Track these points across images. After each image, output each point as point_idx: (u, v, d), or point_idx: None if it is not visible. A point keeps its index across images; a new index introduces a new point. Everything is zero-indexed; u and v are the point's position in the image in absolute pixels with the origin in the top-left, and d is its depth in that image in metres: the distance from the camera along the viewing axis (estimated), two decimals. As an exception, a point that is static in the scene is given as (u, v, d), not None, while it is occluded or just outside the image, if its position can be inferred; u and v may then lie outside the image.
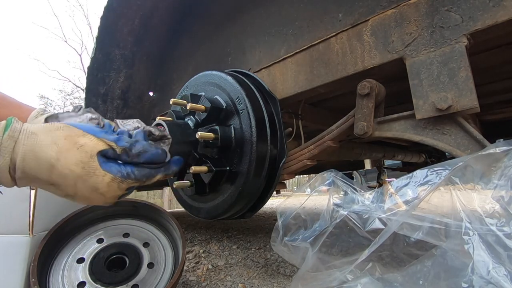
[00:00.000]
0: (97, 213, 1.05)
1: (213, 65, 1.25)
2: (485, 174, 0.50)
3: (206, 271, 1.20)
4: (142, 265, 0.93)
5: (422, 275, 0.51)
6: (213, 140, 0.82)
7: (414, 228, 0.52)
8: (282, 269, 1.21)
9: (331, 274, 0.64)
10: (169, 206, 10.22)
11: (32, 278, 0.80)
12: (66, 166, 0.49)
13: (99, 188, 0.52)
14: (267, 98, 0.96)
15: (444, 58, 0.66)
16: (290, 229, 0.77)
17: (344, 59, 0.83)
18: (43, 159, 0.49)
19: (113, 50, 1.32)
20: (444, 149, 0.67)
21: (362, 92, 0.77)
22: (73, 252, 0.94)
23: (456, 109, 0.63)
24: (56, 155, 0.49)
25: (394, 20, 0.74)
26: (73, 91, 15.92)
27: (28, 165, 0.48)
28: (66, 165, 0.49)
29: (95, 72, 1.33)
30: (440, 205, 0.53)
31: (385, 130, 0.77)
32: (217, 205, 0.90)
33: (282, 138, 0.94)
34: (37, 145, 0.49)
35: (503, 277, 0.41)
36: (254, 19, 1.12)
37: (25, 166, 0.48)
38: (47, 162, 0.49)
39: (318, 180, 0.76)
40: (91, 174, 0.51)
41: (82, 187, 0.51)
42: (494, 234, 0.44)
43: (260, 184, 0.90)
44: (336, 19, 0.87)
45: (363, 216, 0.60)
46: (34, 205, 0.95)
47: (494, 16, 0.60)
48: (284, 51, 1.00)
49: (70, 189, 0.51)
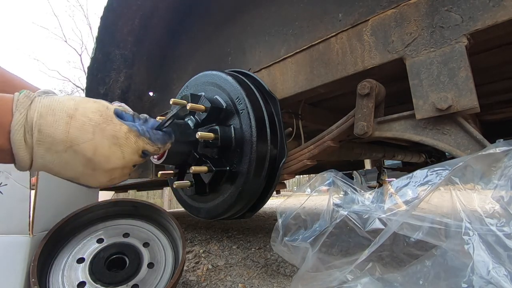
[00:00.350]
0: (97, 213, 1.05)
1: (213, 65, 1.25)
2: (485, 174, 0.50)
3: (206, 271, 1.20)
4: (142, 265, 0.93)
5: (422, 275, 0.51)
6: (213, 140, 0.82)
7: (414, 228, 0.52)
8: (282, 269, 1.21)
9: (331, 274, 0.64)
10: (169, 206, 10.22)
11: (32, 278, 0.80)
12: (84, 114, 0.48)
13: (118, 137, 0.50)
14: (267, 98, 0.96)
15: (444, 58, 0.66)
16: (290, 229, 0.77)
17: (344, 59, 0.83)
18: (60, 111, 0.47)
19: (113, 50, 1.32)
20: (444, 149, 0.67)
21: (362, 92, 0.77)
22: (73, 252, 0.94)
23: (456, 109, 0.63)
24: (74, 106, 0.48)
25: (394, 20, 0.74)
26: (73, 91, 15.93)
27: (45, 121, 0.45)
28: (84, 113, 0.48)
29: (95, 72, 1.33)
30: (440, 205, 0.53)
31: (385, 130, 0.77)
32: (217, 205, 0.90)
33: (282, 138, 0.94)
34: (54, 100, 0.48)
35: (503, 277, 0.41)
36: (254, 19, 1.12)
37: (42, 123, 0.45)
38: (65, 114, 0.47)
39: (318, 180, 0.76)
40: (109, 121, 0.50)
41: (101, 137, 0.49)
42: (494, 234, 0.44)
43: (260, 184, 0.90)
44: (336, 19, 0.87)
45: (363, 216, 0.60)
46: (34, 205, 0.95)
47: (494, 16, 0.60)
48: (284, 51, 1.00)
49: (89, 145, 0.48)
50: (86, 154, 0.48)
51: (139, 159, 0.55)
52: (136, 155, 0.54)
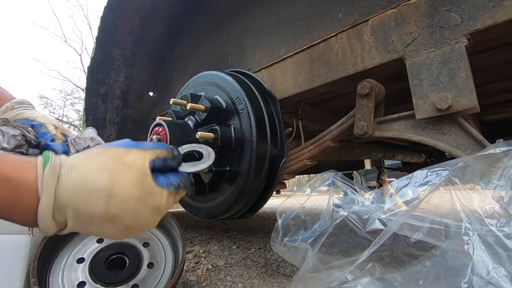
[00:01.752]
0: (97, 213, 1.05)
1: (213, 65, 1.25)
2: (485, 175, 0.50)
3: (206, 271, 1.20)
4: (142, 265, 0.93)
5: (422, 275, 0.51)
6: (213, 140, 0.82)
7: (414, 228, 0.52)
8: (282, 269, 1.21)
9: (331, 274, 0.64)
10: (169, 206, 10.19)
11: (32, 278, 0.80)
12: (124, 190, 0.43)
13: (160, 207, 0.47)
14: (267, 98, 0.96)
15: (444, 58, 0.66)
16: (290, 229, 0.77)
17: (344, 59, 0.83)
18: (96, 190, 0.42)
19: (113, 50, 1.32)
20: (444, 149, 0.67)
21: (362, 92, 0.77)
22: (73, 252, 0.94)
23: (456, 109, 0.63)
24: (109, 182, 0.43)
25: (394, 20, 0.74)
26: (73, 91, 15.94)
27: (80, 200, 0.41)
28: (123, 189, 0.43)
29: (95, 72, 1.33)
30: (440, 206, 0.53)
31: (385, 130, 0.77)
32: (217, 205, 0.90)
33: (282, 138, 0.94)
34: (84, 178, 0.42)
35: (503, 278, 0.41)
36: (254, 19, 1.12)
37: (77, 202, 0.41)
38: (101, 193, 0.42)
39: (318, 181, 0.76)
40: (149, 192, 0.46)
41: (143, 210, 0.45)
42: (494, 235, 0.44)
43: (260, 184, 0.90)
44: (336, 19, 0.87)
45: (363, 216, 0.60)
46: (34, 205, 0.95)
47: (494, 16, 0.60)
48: (284, 51, 1.00)
49: (130, 218, 0.44)
50: (126, 224, 0.45)
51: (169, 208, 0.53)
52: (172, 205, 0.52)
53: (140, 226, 0.46)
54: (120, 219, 0.43)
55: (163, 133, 0.80)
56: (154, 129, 0.85)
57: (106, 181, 0.42)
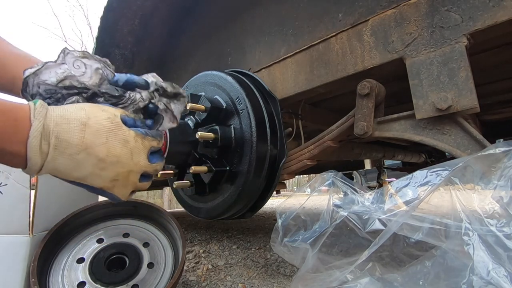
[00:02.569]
0: (97, 213, 1.05)
1: (213, 65, 1.25)
2: (485, 175, 0.50)
3: (206, 271, 1.20)
4: (142, 265, 0.93)
5: (422, 275, 0.51)
6: (213, 140, 0.82)
7: (414, 229, 0.52)
8: (282, 269, 1.21)
9: (331, 274, 0.64)
10: (169, 206, 10.23)
11: (32, 278, 0.80)
12: (97, 122, 0.53)
13: (128, 141, 0.55)
14: (267, 98, 0.96)
15: (444, 58, 0.66)
16: (290, 230, 0.77)
17: (344, 59, 0.83)
18: (74, 120, 0.52)
19: (113, 50, 1.32)
20: (444, 149, 0.67)
21: (362, 92, 0.77)
22: (73, 252, 0.94)
23: (456, 109, 0.63)
24: (86, 115, 0.53)
25: (394, 20, 0.74)
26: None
27: (61, 129, 0.50)
28: (97, 121, 0.53)
29: (95, 72, 1.33)
30: (440, 206, 0.53)
31: (385, 130, 0.77)
32: (217, 205, 0.90)
33: (282, 138, 0.94)
34: (66, 111, 0.52)
35: (503, 278, 0.41)
36: (254, 19, 1.12)
37: (59, 131, 0.50)
38: (79, 122, 0.52)
39: (318, 181, 0.76)
40: (118, 127, 0.55)
41: (114, 141, 0.54)
42: (494, 235, 0.44)
43: (260, 184, 0.90)
44: (336, 19, 0.87)
45: (363, 217, 0.60)
46: (34, 205, 0.95)
47: (494, 16, 0.60)
48: (284, 51, 1.00)
49: (103, 148, 0.53)
50: (99, 155, 0.53)
51: (146, 162, 0.59)
52: (143, 155, 0.58)
53: (112, 159, 0.54)
54: (94, 149, 0.52)
55: (163, 133, 0.80)
56: (154, 129, 0.85)
57: (83, 114, 0.53)
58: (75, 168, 0.53)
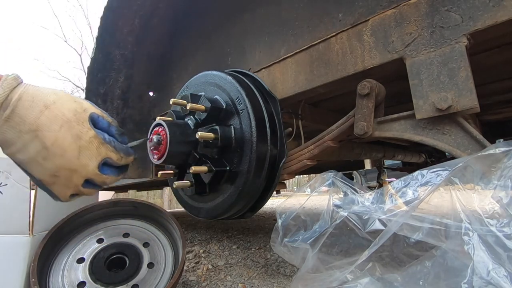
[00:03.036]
0: (97, 213, 1.05)
1: (213, 65, 1.25)
2: (485, 175, 0.50)
3: (206, 271, 1.20)
4: (142, 265, 0.93)
5: (422, 275, 0.51)
6: (213, 140, 0.82)
7: (414, 229, 0.52)
8: (282, 269, 1.21)
9: (331, 274, 0.64)
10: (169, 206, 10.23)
11: (32, 278, 0.80)
12: (60, 109, 0.52)
13: (81, 138, 0.53)
14: (267, 98, 0.96)
15: (444, 58, 0.66)
16: (290, 230, 0.77)
17: (344, 59, 0.83)
18: (39, 100, 0.51)
19: (113, 50, 1.32)
20: (444, 149, 0.67)
21: (362, 92, 0.77)
22: (73, 252, 0.94)
23: (456, 109, 0.63)
24: (53, 99, 0.52)
25: (394, 20, 0.74)
26: (73, 91, 15.91)
27: (22, 104, 0.50)
28: (60, 108, 0.52)
29: (95, 72, 1.33)
30: (440, 206, 0.53)
31: (385, 130, 0.77)
32: (217, 205, 0.90)
33: (282, 138, 0.94)
34: (37, 91, 0.52)
35: (503, 278, 0.41)
36: (254, 19, 1.12)
37: (18, 105, 0.49)
38: (42, 103, 0.51)
39: (318, 181, 0.76)
40: (80, 122, 0.53)
41: (66, 133, 0.52)
42: (494, 235, 0.44)
43: (260, 184, 0.90)
44: (336, 19, 0.87)
45: (363, 217, 0.60)
46: (34, 205, 0.96)
47: (494, 16, 0.60)
48: (284, 51, 1.00)
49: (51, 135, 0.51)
50: (45, 142, 0.51)
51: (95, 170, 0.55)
52: (94, 161, 0.55)
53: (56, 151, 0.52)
54: (43, 133, 0.50)
55: (163, 133, 0.80)
56: (154, 129, 0.85)
57: (51, 98, 0.52)
58: (20, 149, 0.51)
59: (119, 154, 0.58)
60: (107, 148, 0.56)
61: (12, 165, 0.97)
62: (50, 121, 0.51)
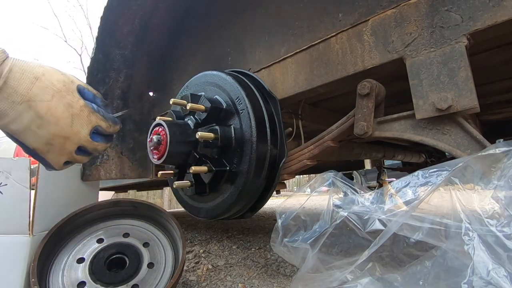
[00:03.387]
0: (97, 213, 1.05)
1: (213, 65, 1.25)
2: (485, 175, 0.50)
3: (206, 271, 1.20)
4: (142, 265, 0.93)
5: (422, 275, 0.51)
6: (213, 140, 0.82)
7: (414, 229, 0.52)
8: (282, 269, 1.21)
9: (331, 274, 0.64)
10: (169, 206, 10.23)
11: (32, 278, 0.80)
12: (50, 80, 0.54)
13: (73, 107, 0.56)
14: (267, 98, 0.96)
15: (444, 58, 0.66)
16: (290, 230, 0.77)
17: (344, 59, 0.83)
18: (29, 72, 0.53)
19: (113, 50, 1.32)
20: (444, 149, 0.67)
21: (362, 92, 0.77)
22: (73, 252, 0.94)
23: (456, 109, 0.63)
24: (42, 72, 0.54)
25: (394, 20, 0.74)
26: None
27: (13, 76, 0.51)
28: (50, 79, 0.54)
29: (95, 72, 1.33)
30: (440, 206, 0.53)
31: (385, 130, 0.77)
32: (217, 205, 0.90)
33: (282, 138, 0.94)
34: (26, 64, 0.53)
35: (503, 278, 0.41)
36: (254, 19, 1.12)
37: (10, 77, 0.51)
38: (32, 75, 0.53)
39: (318, 181, 0.76)
40: (69, 92, 0.56)
41: (58, 102, 0.54)
42: (494, 235, 0.44)
43: (260, 184, 0.90)
44: (336, 19, 0.87)
45: (363, 217, 0.60)
46: (34, 205, 0.96)
47: (494, 16, 0.60)
48: (284, 51, 1.00)
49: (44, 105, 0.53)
50: (39, 111, 0.53)
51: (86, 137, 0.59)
52: (85, 128, 0.58)
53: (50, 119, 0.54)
54: (36, 103, 0.52)
55: (163, 133, 0.80)
56: (154, 129, 0.85)
57: (39, 70, 0.54)
58: (14, 119, 0.53)
59: (108, 122, 0.62)
60: (97, 117, 0.59)
61: (12, 165, 0.97)
62: (42, 91, 0.53)
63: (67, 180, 1.14)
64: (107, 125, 0.62)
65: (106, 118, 0.61)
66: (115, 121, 0.65)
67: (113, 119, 0.64)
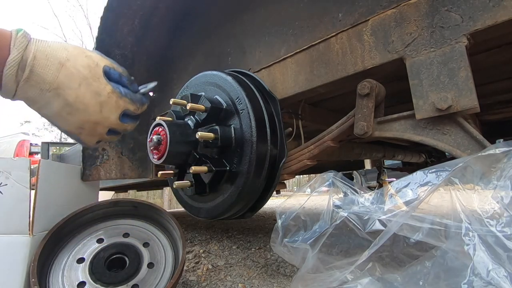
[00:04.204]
0: (97, 213, 1.05)
1: (213, 65, 1.25)
2: (485, 175, 0.50)
3: (206, 271, 1.20)
4: (142, 265, 0.93)
5: (422, 275, 0.51)
6: (213, 140, 0.82)
7: (414, 229, 0.52)
8: (282, 269, 1.21)
9: (331, 274, 0.64)
10: (169, 206, 10.23)
11: (32, 278, 0.80)
12: (75, 66, 0.53)
13: (101, 94, 0.55)
14: (267, 98, 0.96)
15: (444, 58, 0.65)
16: (290, 230, 0.77)
17: (344, 59, 0.83)
18: (53, 58, 0.52)
19: (113, 50, 1.32)
20: (444, 149, 0.67)
21: (362, 92, 0.77)
22: (73, 252, 0.94)
23: (456, 109, 0.63)
24: (66, 56, 0.53)
25: (394, 20, 0.74)
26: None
27: (38, 63, 0.50)
28: (75, 65, 0.53)
29: (95, 72, 1.33)
30: (440, 206, 0.53)
31: (385, 130, 0.77)
32: (217, 205, 0.90)
33: (282, 138, 0.94)
34: (48, 47, 0.52)
35: (503, 278, 0.41)
36: (254, 19, 1.11)
37: (35, 64, 0.50)
38: (57, 61, 0.52)
39: (318, 181, 0.76)
40: (96, 78, 0.55)
41: (85, 90, 0.54)
42: (494, 235, 0.44)
43: (260, 184, 0.90)
44: (336, 19, 0.87)
45: (363, 217, 0.60)
46: (34, 205, 0.95)
47: (494, 16, 0.60)
48: (284, 51, 1.00)
49: (72, 93, 0.53)
50: (67, 98, 0.53)
51: (116, 120, 0.60)
52: (114, 113, 0.59)
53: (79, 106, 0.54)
54: (64, 91, 0.52)
55: (163, 133, 0.80)
56: (154, 129, 0.85)
57: (64, 54, 0.52)
58: (44, 105, 0.53)
59: (135, 105, 0.63)
60: (125, 101, 0.60)
61: (12, 165, 0.97)
62: (68, 79, 0.52)
63: (67, 180, 1.14)
64: (135, 108, 0.63)
65: (133, 101, 0.62)
66: (142, 102, 0.65)
67: (140, 100, 0.65)
